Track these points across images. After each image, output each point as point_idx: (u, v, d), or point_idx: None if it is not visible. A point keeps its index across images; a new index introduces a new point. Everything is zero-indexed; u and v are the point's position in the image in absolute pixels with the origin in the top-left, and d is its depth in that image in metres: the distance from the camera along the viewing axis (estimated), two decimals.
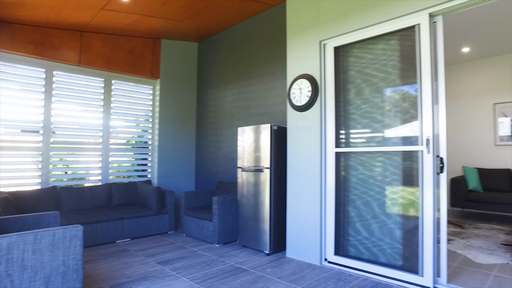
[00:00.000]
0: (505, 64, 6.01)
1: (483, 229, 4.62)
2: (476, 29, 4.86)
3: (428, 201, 2.61)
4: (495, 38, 5.24)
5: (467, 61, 6.43)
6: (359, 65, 3.14)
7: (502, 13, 4.29)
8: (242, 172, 3.92)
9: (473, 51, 5.83)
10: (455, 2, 2.53)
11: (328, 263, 3.24)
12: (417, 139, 2.71)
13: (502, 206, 5.13)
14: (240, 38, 5.06)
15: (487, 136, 6.17)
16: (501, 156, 6.01)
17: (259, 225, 3.68)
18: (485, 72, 6.23)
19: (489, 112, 6.16)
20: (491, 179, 5.73)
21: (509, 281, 2.76)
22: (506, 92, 5.99)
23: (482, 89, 6.26)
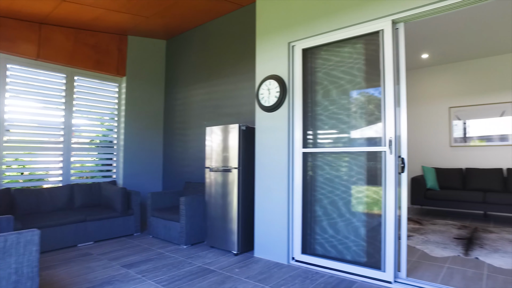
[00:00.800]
0: (460, 71, 6.42)
1: (439, 224, 4.91)
2: (435, 37, 5.15)
3: (390, 200, 2.73)
4: (451, 47, 5.57)
5: (426, 67, 6.80)
6: (326, 67, 3.22)
7: (458, 23, 4.58)
8: (210, 172, 3.89)
9: (431, 57, 6.17)
10: (415, 11, 2.67)
11: (296, 262, 3.29)
12: (380, 140, 2.82)
13: (456, 203, 5.47)
14: (210, 37, 5.02)
15: (443, 137, 6.56)
16: (455, 156, 6.42)
17: (227, 225, 3.67)
18: (442, 77, 6.62)
19: (445, 115, 6.56)
20: (447, 178, 6.10)
21: (460, 271, 2.95)
22: (460, 97, 6.40)
23: (439, 93, 6.64)
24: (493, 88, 6.09)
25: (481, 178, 5.80)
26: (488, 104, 6.09)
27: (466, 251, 3.57)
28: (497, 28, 4.78)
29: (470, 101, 6.29)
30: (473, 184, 5.85)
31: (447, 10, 2.60)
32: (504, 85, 5.98)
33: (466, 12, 4.27)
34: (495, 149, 6.03)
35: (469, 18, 4.43)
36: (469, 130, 6.26)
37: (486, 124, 6.10)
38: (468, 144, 6.25)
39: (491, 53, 5.93)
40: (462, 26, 4.73)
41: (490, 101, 6.09)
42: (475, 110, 6.21)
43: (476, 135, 6.18)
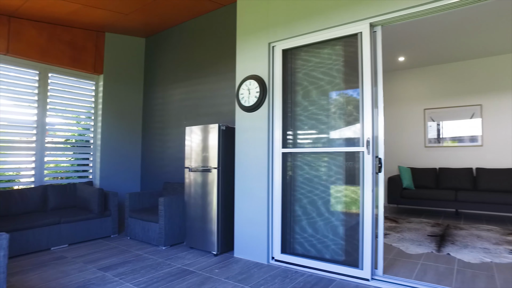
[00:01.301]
0: (434, 74, 6.65)
1: (414, 222, 5.06)
2: (411, 41, 5.31)
3: (367, 199, 2.79)
4: (426, 51, 5.76)
5: (402, 70, 7.00)
6: (306, 68, 3.26)
7: (432, 28, 4.74)
8: (190, 172, 3.85)
9: (407, 60, 6.36)
10: (391, 15, 2.74)
11: (275, 261, 3.31)
12: (358, 140, 2.88)
13: (430, 201, 5.66)
14: (190, 36, 4.97)
15: (418, 138, 6.77)
16: (429, 156, 6.64)
17: (206, 226, 3.64)
18: (417, 80, 6.84)
19: (420, 116, 6.77)
20: (422, 177, 6.30)
21: (432, 267, 3.06)
22: (435, 99, 6.63)
23: (415, 95, 6.86)
24: (464, 91, 6.34)
25: (453, 178, 6.03)
26: (459, 106, 6.34)
27: (439, 247, 3.70)
28: (468, 34, 4.98)
29: (443, 103, 6.53)
30: (446, 183, 6.07)
31: (422, 15, 2.68)
32: (474, 89, 6.24)
33: (439, 18, 4.43)
34: (466, 150, 6.28)
35: (442, 24, 4.60)
36: (443, 131, 6.49)
37: (458, 126, 6.35)
38: (441, 145, 6.48)
39: (462, 58, 6.18)
40: (435, 32, 4.89)
41: (462, 104, 6.34)
42: (448, 112, 6.45)
43: (449, 136, 6.42)
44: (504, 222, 5.18)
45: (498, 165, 5.99)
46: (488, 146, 6.09)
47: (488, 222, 5.18)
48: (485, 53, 5.92)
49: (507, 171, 5.64)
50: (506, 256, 3.39)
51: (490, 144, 6.07)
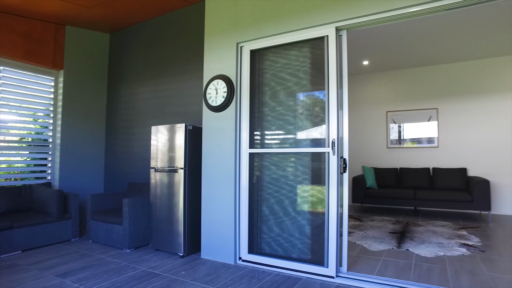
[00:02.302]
0: (396, 78, 6.97)
1: (377, 221, 5.27)
2: (374, 46, 5.53)
3: (333, 198, 2.86)
4: (389, 56, 6.03)
5: (366, 73, 7.27)
6: (274, 69, 3.29)
7: (395, 35, 4.96)
8: (156, 172, 3.75)
9: (371, 64, 6.61)
10: (356, 21, 2.84)
11: (243, 261, 3.31)
12: (324, 141, 2.95)
13: (391, 200, 5.93)
14: (157, 33, 4.85)
15: (381, 139, 7.07)
16: (391, 157, 6.95)
17: (173, 227, 3.57)
18: (380, 83, 7.13)
19: (382, 118, 7.07)
20: (384, 177, 6.58)
21: (393, 262, 3.20)
22: (396, 102, 6.94)
23: (378, 98, 7.15)
24: (422, 95, 6.70)
25: (412, 177, 6.35)
26: (418, 109, 6.69)
27: (399, 244, 3.88)
28: (426, 42, 5.27)
29: (404, 106, 6.86)
30: (406, 182, 6.38)
31: (384, 22, 2.80)
32: (431, 93, 6.61)
33: (401, 26, 4.64)
34: (423, 151, 6.64)
35: (403, 31, 4.83)
36: (403, 133, 6.82)
37: (417, 128, 6.70)
38: (402, 146, 6.81)
39: (421, 64, 6.52)
40: (397, 38, 5.13)
41: (420, 107, 6.70)
42: (408, 115, 6.78)
43: (409, 138, 6.75)
44: (456, 218, 5.53)
45: (452, 165, 6.39)
46: (443, 147, 6.47)
47: (442, 218, 5.51)
48: (441, 60, 6.29)
49: (460, 170, 6.03)
50: (457, 250, 3.62)
51: (445, 145, 6.46)
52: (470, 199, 5.31)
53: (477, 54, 5.95)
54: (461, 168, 6.05)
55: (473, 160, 6.24)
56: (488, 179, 5.84)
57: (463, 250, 3.61)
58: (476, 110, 6.26)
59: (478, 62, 6.28)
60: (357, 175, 6.55)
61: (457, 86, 6.42)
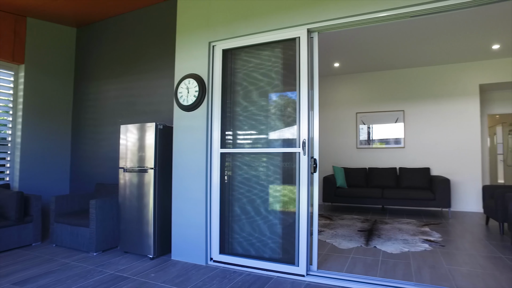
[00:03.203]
0: (365, 81, 7.18)
1: (346, 219, 5.41)
2: (346, 49, 5.67)
3: (303, 198, 2.91)
4: (359, 58, 6.20)
5: (337, 75, 7.44)
6: (246, 68, 3.29)
7: (365, 38, 5.11)
8: (125, 172, 3.65)
9: (342, 66, 6.78)
10: (326, 23, 2.89)
11: (214, 262, 3.29)
12: (295, 141, 2.99)
13: (360, 199, 6.11)
14: (128, 29, 4.71)
15: (351, 140, 7.26)
16: (361, 157, 7.16)
17: (142, 229, 3.48)
18: (350, 85, 7.33)
19: (352, 119, 7.27)
20: (354, 176, 6.76)
21: (361, 260, 3.30)
22: (365, 104, 7.16)
23: (348, 99, 7.34)
24: (390, 97, 6.96)
25: (380, 176, 6.57)
26: (386, 111, 6.94)
27: (367, 241, 4.00)
28: (394, 47, 5.48)
29: (373, 108, 7.09)
30: (374, 182, 6.60)
31: (354, 26, 2.88)
32: (398, 96, 6.88)
33: (371, 30, 4.79)
34: (391, 151, 6.89)
35: (373, 35, 4.99)
36: (372, 133, 7.04)
37: (385, 129, 6.94)
38: (371, 146, 7.03)
39: (389, 67, 6.77)
40: (367, 42, 5.29)
41: (388, 109, 6.95)
42: (377, 116, 7.02)
43: (378, 138, 6.99)
44: (420, 215, 5.79)
45: (417, 165, 6.68)
46: (409, 147, 6.76)
47: (408, 215, 5.75)
48: (408, 64, 6.56)
49: (424, 170, 6.31)
50: (420, 245, 3.79)
51: (411, 146, 6.75)
52: (433, 197, 5.58)
53: (441, 59, 6.26)
54: (425, 168, 6.34)
55: (436, 160, 6.56)
56: (448, 178, 6.15)
57: (426, 246, 3.78)
58: (439, 112, 6.59)
59: (442, 67, 6.61)
60: (328, 175, 6.70)
61: (422, 89, 6.72)
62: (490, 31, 4.91)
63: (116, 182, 4.52)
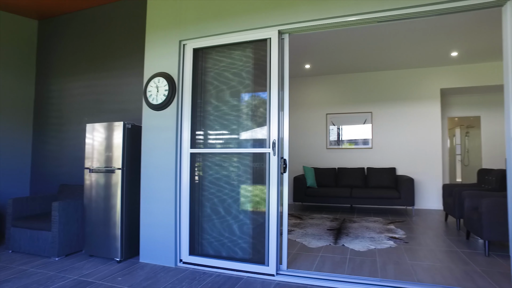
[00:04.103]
0: (335, 82, 7.36)
1: (316, 218, 5.52)
2: (316, 51, 5.78)
3: (273, 198, 2.93)
4: (329, 61, 6.34)
5: (308, 76, 7.57)
6: (218, 68, 3.27)
7: (335, 41, 5.24)
8: (91, 173, 3.51)
9: (313, 68, 6.90)
10: (297, 25, 2.94)
11: (183, 264, 3.24)
12: (265, 142, 3.01)
13: (330, 198, 6.25)
14: (95, 24, 4.54)
15: (321, 140, 7.41)
16: (330, 157, 7.33)
17: (109, 231, 3.37)
18: (321, 87, 7.48)
19: (323, 120, 7.42)
20: (323, 176, 6.91)
21: (330, 258, 3.38)
22: (335, 105, 7.34)
23: (318, 101, 7.49)
24: (359, 99, 7.18)
25: (349, 176, 6.76)
26: (355, 113, 7.15)
27: (336, 240, 4.10)
28: (363, 50, 5.66)
29: (342, 109, 7.28)
30: (343, 181, 6.77)
31: (323, 28, 2.94)
32: (367, 98, 7.11)
33: (341, 33, 4.92)
34: (359, 151, 7.11)
35: (342, 38, 5.12)
36: (342, 134, 7.23)
37: (354, 130, 7.15)
38: (340, 147, 7.21)
39: (358, 70, 6.98)
40: (338, 45, 5.43)
41: (357, 110, 7.16)
42: (346, 117, 7.21)
43: (347, 139, 7.18)
44: (386, 213, 6.02)
45: (384, 165, 6.94)
46: (376, 148, 7.00)
47: (375, 214, 5.95)
48: (376, 67, 6.79)
49: (390, 170, 6.56)
50: (386, 242, 3.93)
51: (378, 146, 6.99)
52: (398, 196, 5.81)
53: (406, 64, 6.54)
54: (391, 168, 6.60)
55: (401, 160, 6.84)
56: (412, 178, 6.43)
57: (391, 243, 3.93)
58: (403, 114, 6.88)
59: (406, 71, 6.91)
60: (298, 175, 6.80)
61: (389, 92, 6.99)
62: (448, 39, 5.19)
63: (82, 183, 4.35)
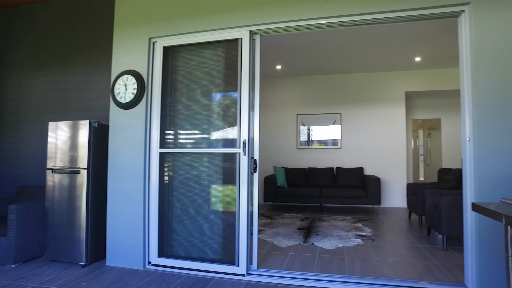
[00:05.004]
0: (306, 84, 7.49)
1: (286, 218, 5.58)
2: (288, 52, 5.85)
3: (243, 198, 2.94)
4: (300, 62, 6.44)
5: (279, 77, 7.65)
6: (189, 67, 3.23)
7: (306, 43, 5.33)
8: (54, 174, 3.35)
9: (284, 69, 6.98)
10: (269, 26, 2.97)
11: (152, 266, 3.17)
12: (236, 142, 3.01)
13: (300, 198, 6.35)
14: (58, 17, 4.33)
15: (292, 141, 7.52)
16: (301, 157, 7.45)
17: (74, 234, 3.23)
18: (292, 87, 7.58)
19: (293, 121, 7.53)
20: (294, 176, 7.00)
21: (299, 257, 3.44)
22: (306, 106, 7.47)
23: (289, 101, 7.59)
24: (328, 100, 7.35)
25: (319, 176, 6.90)
26: (325, 114, 7.31)
27: (305, 239, 4.17)
28: (333, 52, 5.80)
29: (313, 110, 7.41)
30: (313, 181, 6.90)
31: (295, 30, 2.98)
32: (336, 99, 7.30)
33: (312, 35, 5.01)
34: (329, 152, 7.28)
35: (314, 40, 5.22)
36: (312, 135, 7.36)
37: (324, 130, 7.31)
38: (310, 147, 7.34)
39: (328, 72, 7.15)
40: (308, 47, 5.52)
41: (327, 111, 7.33)
42: (316, 118, 7.35)
43: (317, 139, 7.33)
44: (354, 212, 6.21)
45: (352, 165, 7.15)
46: (345, 148, 7.20)
47: (343, 213, 6.12)
48: (345, 70, 6.98)
49: (358, 170, 6.77)
50: (353, 240, 4.06)
51: (347, 147, 7.19)
52: (365, 195, 6.01)
53: (373, 67, 6.77)
54: (359, 168, 6.81)
55: (368, 160, 7.08)
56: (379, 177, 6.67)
57: (358, 241, 4.06)
58: (371, 116, 7.12)
59: (374, 74, 7.16)
60: (269, 175, 6.85)
61: (357, 94, 7.21)
62: (413, 45, 5.44)
63: (43, 184, 4.13)
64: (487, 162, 2.46)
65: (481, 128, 2.48)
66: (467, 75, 2.59)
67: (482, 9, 2.52)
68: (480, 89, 2.50)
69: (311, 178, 6.94)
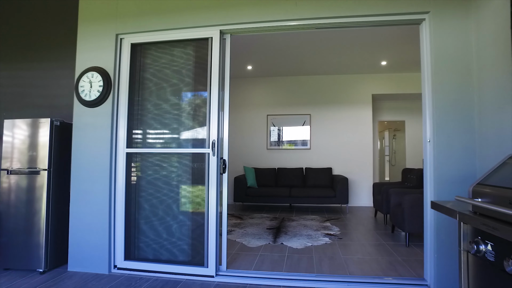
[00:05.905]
0: (276, 84, 7.56)
1: (256, 218, 5.61)
2: (258, 53, 5.88)
3: (212, 198, 2.91)
4: (270, 63, 6.49)
5: (250, 77, 7.67)
6: (158, 65, 3.16)
7: (277, 44, 5.38)
8: (9, 175, 3.15)
9: (255, 69, 7.01)
10: (239, 26, 2.97)
11: (118, 270, 3.06)
12: (205, 142, 2.98)
13: (270, 198, 6.39)
14: (19, 8, 4.08)
15: (262, 141, 7.56)
16: (271, 158, 7.51)
17: (32, 239, 3.05)
18: (262, 88, 7.63)
19: (263, 121, 7.58)
20: (264, 176, 7.05)
21: (269, 256, 3.46)
22: (276, 106, 7.54)
23: (259, 102, 7.63)
24: (298, 101, 7.46)
25: (288, 176, 6.99)
26: (295, 114, 7.42)
27: (275, 238, 4.21)
28: (303, 54, 5.89)
29: (283, 111, 7.50)
30: (283, 181, 6.98)
31: (265, 31, 3.00)
32: (306, 100, 7.43)
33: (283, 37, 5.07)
34: (299, 152, 7.39)
35: (284, 42, 5.28)
36: (282, 135, 7.44)
37: (293, 131, 7.41)
38: (280, 148, 7.42)
39: (298, 73, 7.26)
40: (279, 48, 5.58)
41: (296, 112, 7.44)
42: (286, 119, 7.44)
43: (287, 140, 7.42)
44: (323, 211, 6.35)
45: (321, 165, 7.30)
46: (314, 149, 7.34)
47: (312, 212, 6.23)
48: (314, 72, 7.12)
49: (327, 170, 6.93)
50: (322, 239, 4.15)
51: (316, 147, 7.34)
52: (334, 195, 6.16)
53: (342, 69, 6.96)
54: (327, 168, 6.96)
55: (336, 160, 7.26)
56: (347, 177, 6.86)
57: (326, 239, 4.15)
58: (339, 117, 7.31)
59: (342, 77, 7.35)
60: (239, 175, 6.85)
61: (326, 95, 7.38)
62: (379, 49, 5.65)
63: None
64: (445, 162, 2.60)
65: (440, 130, 2.62)
66: (427, 80, 2.73)
67: (440, 18, 2.67)
68: (439, 93, 2.64)
69: (281, 178, 7.01)
